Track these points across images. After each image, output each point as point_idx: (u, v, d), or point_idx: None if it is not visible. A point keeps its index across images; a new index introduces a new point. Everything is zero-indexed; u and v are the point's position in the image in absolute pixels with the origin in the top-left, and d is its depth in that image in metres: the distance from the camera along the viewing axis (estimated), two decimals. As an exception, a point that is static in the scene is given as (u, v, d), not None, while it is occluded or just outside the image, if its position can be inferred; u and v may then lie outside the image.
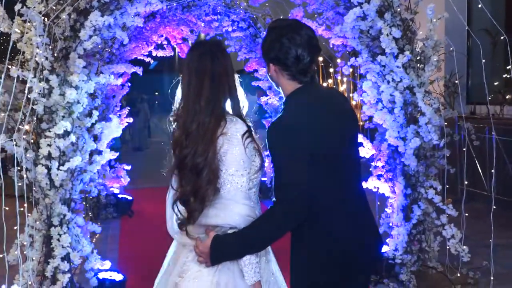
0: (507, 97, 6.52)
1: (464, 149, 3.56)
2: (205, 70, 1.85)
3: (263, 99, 5.96)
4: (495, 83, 6.89)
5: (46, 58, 2.88)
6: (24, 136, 2.75)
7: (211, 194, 1.81)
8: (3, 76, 2.50)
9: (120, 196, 6.06)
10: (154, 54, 5.76)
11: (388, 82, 3.46)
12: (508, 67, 3.49)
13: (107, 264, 3.48)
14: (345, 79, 7.06)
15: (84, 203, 5.24)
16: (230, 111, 1.91)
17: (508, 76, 6.07)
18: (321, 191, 1.79)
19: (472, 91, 7.33)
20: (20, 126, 2.82)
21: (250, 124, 1.93)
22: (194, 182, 1.82)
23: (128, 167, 5.96)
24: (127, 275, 3.71)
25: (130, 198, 6.19)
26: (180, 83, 1.92)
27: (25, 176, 2.86)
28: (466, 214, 3.45)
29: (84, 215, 3.31)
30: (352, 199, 1.89)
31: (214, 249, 1.80)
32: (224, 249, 1.82)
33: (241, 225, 1.81)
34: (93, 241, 4.18)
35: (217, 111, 1.85)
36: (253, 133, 1.89)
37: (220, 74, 1.87)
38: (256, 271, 1.83)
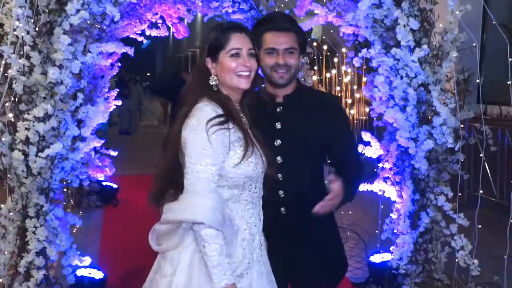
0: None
1: (481, 155, 3.41)
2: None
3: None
4: (508, 82, 6.75)
5: (28, 32, 2.70)
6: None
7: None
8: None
9: (104, 183, 5.90)
10: (147, 33, 5.57)
11: (402, 77, 3.30)
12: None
13: (87, 260, 3.34)
14: (349, 70, 6.90)
15: (66, 190, 5.11)
16: None
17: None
18: None
19: (484, 90, 7.19)
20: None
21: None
22: (163, 161, 1.91)
23: (115, 153, 5.79)
24: (108, 271, 3.57)
25: (115, 186, 6.03)
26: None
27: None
28: (479, 226, 3.31)
29: (63, 206, 3.17)
30: None
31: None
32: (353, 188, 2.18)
33: (208, 220, 1.72)
34: (74, 232, 4.03)
35: (199, 93, 1.88)
36: (229, 123, 1.82)
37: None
38: (226, 272, 1.73)
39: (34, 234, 2.84)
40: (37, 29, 2.77)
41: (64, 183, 3.00)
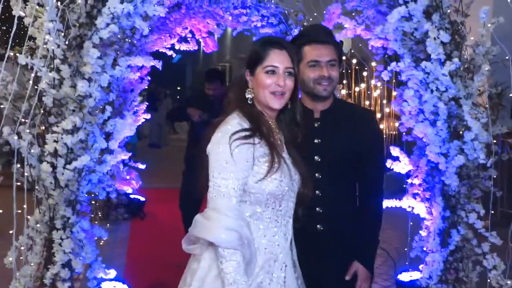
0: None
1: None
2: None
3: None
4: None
5: (58, 46, 2.75)
6: (28, 130, 2.61)
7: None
8: (3, 62, 2.36)
9: (132, 196, 5.94)
10: (177, 47, 5.63)
11: (432, 91, 3.23)
12: None
13: (112, 273, 3.34)
14: (379, 84, 6.82)
15: (94, 202, 5.16)
16: None
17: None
18: None
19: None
20: (25, 120, 2.69)
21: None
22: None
23: (143, 166, 5.83)
24: (133, 284, 3.57)
25: (142, 199, 6.07)
26: None
27: (26, 173, 2.72)
28: (512, 245, 3.20)
29: (90, 218, 3.19)
30: None
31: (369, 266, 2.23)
32: (373, 258, 2.29)
33: (221, 241, 1.69)
34: (100, 244, 4.05)
35: (233, 105, 1.87)
36: (255, 138, 1.79)
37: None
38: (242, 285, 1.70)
39: (60, 246, 2.86)
40: (67, 42, 2.81)
41: (91, 195, 3.01)
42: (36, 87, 2.71)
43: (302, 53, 2.20)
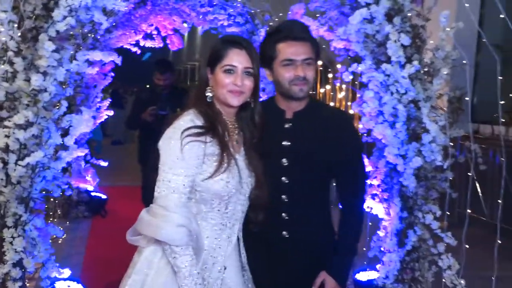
0: (514, 117, 6.36)
1: (469, 173, 3.35)
2: None
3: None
4: (501, 102, 6.72)
5: (12, 38, 2.64)
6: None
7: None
8: None
9: (93, 194, 5.81)
10: (142, 43, 5.54)
11: (392, 93, 3.25)
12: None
13: (66, 272, 3.24)
14: (344, 86, 6.86)
15: (53, 200, 5.02)
16: None
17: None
18: None
19: (477, 109, 7.17)
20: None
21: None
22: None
23: (105, 164, 5.72)
24: (89, 284, 3.47)
25: (104, 197, 5.94)
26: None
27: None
28: (467, 246, 3.24)
29: (49, 216, 3.12)
30: None
31: (339, 277, 2.06)
32: (345, 270, 2.11)
33: (171, 239, 1.66)
34: (59, 242, 3.93)
35: (190, 103, 1.86)
36: (207, 136, 1.76)
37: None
38: (197, 282, 1.69)
39: (11, 244, 2.75)
40: (21, 34, 2.70)
41: (44, 192, 2.90)
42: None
43: (276, 50, 2.03)
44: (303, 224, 2.04)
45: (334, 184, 2.23)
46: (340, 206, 2.19)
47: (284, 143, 2.04)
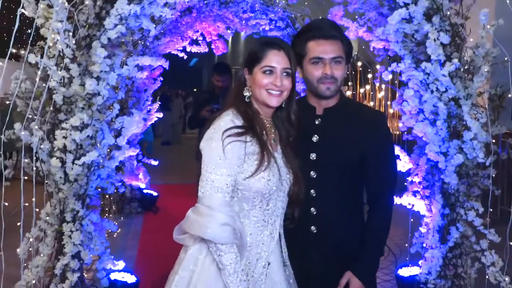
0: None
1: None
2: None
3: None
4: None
5: (67, 46, 2.70)
6: (36, 127, 2.57)
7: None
8: (5, 60, 2.32)
9: (145, 191, 5.91)
10: (188, 49, 5.61)
11: (432, 91, 3.14)
12: None
13: (121, 264, 3.29)
14: (383, 85, 6.72)
15: (108, 197, 5.14)
16: None
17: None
18: None
19: (517, 106, 6.86)
20: (35, 117, 2.65)
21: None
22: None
23: (155, 163, 5.80)
24: (142, 276, 3.52)
25: (155, 194, 6.03)
26: None
27: (34, 168, 2.68)
28: (511, 243, 3.09)
29: (105, 212, 3.18)
30: None
31: (364, 278, 1.96)
32: (370, 270, 2.02)
33: (216, 237, 1.64)
34: (114, 236, 4.01)
35: (229, 103, 1.83)
36: (247, 136, 1.72)
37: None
38: (242, 279, 1.66)
39: (70, 238, 2.82)
40: (76, 42, 2.77)
41: (99, 189, 2.96)
42: (44, 85, 2.67)
43: (306, 48, 1.97)
44: (332, 220, 1.97)
45: None
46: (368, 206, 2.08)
47: (313, 138, 1.99)
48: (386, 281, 4.15)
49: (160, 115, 5.63)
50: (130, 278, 3.33)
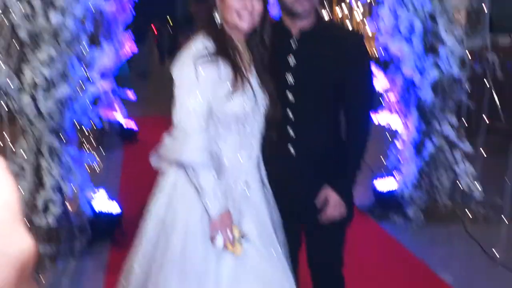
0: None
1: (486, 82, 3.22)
2: None
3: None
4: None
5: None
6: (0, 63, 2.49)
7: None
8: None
9: (125, 125, 5.88)
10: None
11: (408, 9, 3.09)
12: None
13: (102, 193, 3.34)
14: (359, 3, 6.58)
15: (87, 131, 5.09)
16: None
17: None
18: None
19: (494, 21, 6.83)
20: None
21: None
22: None
23: (133, 97, 5.71)
24: (126, 206, 3.56)
25: (135, 128, 6.02)
26: None
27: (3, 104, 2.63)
28: (485, 155, 3.17)
29: (80, 146, 3.15)
30: None
31: (342, 193, 1.94)
32: (348, 185, 1.99)
33: (195, 161, 1.63)
34: (96, 170, 4.01)
35: (199, 27, 1.76)
36: (219, 59, 1.67)
37: None
38: (220, 200, 1.67)
39: (48, 171, 2.82)
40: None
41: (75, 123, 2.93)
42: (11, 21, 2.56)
43: None
44: (310, 143, 1.98)
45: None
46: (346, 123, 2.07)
47: (290, 62, 1.95)
48: (363, 193, 4.23)
49: (135, 49, 5.47)
50: (114, 208, 3.37)
